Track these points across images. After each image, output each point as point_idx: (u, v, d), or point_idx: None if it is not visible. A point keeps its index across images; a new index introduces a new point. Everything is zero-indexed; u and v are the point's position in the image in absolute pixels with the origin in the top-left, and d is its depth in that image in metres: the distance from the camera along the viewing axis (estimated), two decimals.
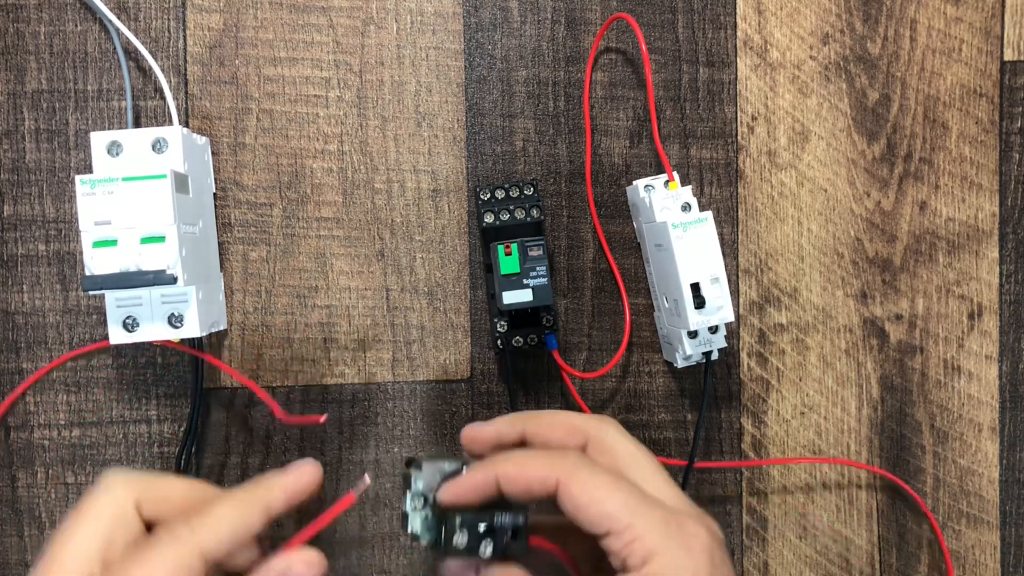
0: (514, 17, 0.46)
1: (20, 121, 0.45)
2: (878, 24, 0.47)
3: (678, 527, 0.29)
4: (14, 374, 0.45)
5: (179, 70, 0.45)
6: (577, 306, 0.47)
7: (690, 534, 0.29)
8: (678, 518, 0.30)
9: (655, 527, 0.29)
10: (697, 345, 0.43)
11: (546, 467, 0.30)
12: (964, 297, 0.48)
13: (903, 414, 0.48)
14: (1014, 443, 0.49)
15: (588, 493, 0.29)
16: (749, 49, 0.47)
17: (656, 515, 0.29)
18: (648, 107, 0.46)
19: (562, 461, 0.30)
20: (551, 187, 0.47)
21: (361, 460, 0.46)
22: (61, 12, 0.45)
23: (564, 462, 0.30)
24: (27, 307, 0.45)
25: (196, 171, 0.42)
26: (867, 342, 0.48)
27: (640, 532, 0.29)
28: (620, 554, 0.29)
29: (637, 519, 0.29)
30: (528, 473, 0.30)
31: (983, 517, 0.48)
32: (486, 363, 0.47)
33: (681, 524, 0.30)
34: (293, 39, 0.45)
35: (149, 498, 0.30)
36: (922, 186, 0.48)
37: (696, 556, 0.29)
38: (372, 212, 0.46)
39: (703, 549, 0.29)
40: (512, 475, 0.31)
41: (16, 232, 0.45)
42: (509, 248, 0.42)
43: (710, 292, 0.41)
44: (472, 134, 0.46)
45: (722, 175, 0.47)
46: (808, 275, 0.48)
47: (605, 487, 0.29)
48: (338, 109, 0.46)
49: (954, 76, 0.48)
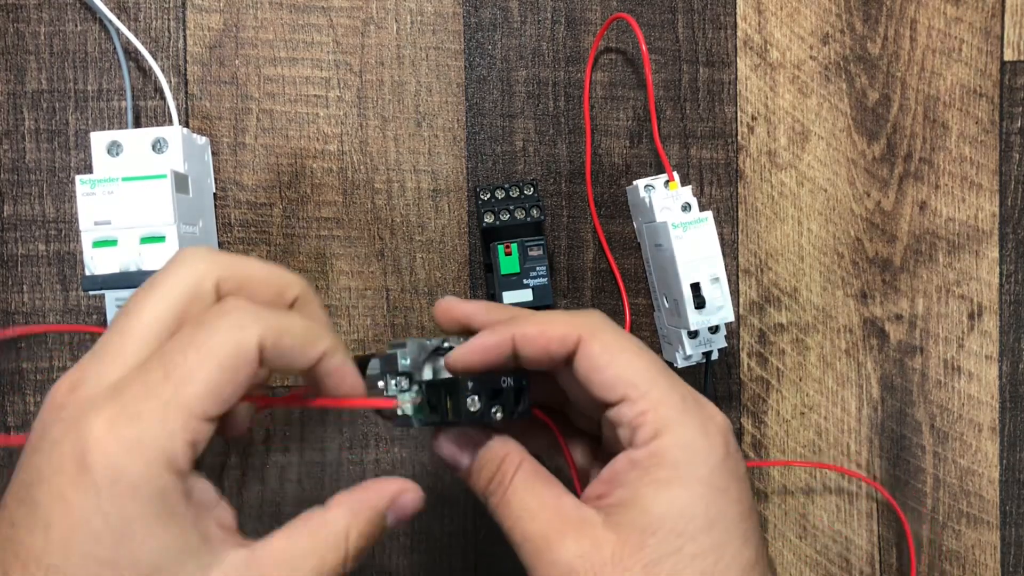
0: (514, 17, 0.46)
1: (20, 121, 0.45)
2: (878, 24, 0.47)
3: (696, 405, 0.28)
4: (14, 374, 0.45)
5: (179, 70, 0.45)
6: (577, 306, 0.47)
7: (707, 416, 0.28)
8: (696, 396, 0.28)
9: (673, 400, 0.27)
10: (697, 345, 0.43)
11: (568, 325, 0.28)
12: (964, 297, 0.48)
13: (903, 414, 0.48)
14: (1014, 443, 0.49)
15: (610, 354, 0.28)
16: (749, 49, 0.47)
17: (676, 390, 0.28)
18: (648, 107, 0.46)
19: (585, 320, 0.29)
20: (551, 187, 0.47)
21: (361, 460, 0.46)
22: (61, 12, 0.45)
23: (588, 321, 0.29)
24: (27, 307, 0.45)
25: (196, 171, 0.42)
26: (867, 342, 0.48)
27: (656, 402, 0.27)
28: (631, 424, 0.27)
29: (655, 389, 0.27)
30: (548, 332, 0.28)
31: (983, 517, 0.48)
32: None
33: (700, 404, 0.28)
34: (293, 39, 0.45)
35: (229, 276, 0.26)
36: (922, 186, 0.48)
37: (712, 439, 0.27)
38: (372, 212, 0.46)
39: (719, 432, 0.28)
40: (531, 335, 0.28)
41: (16, 232, 0.45)
42: (509, 248, 0.42)
43: (710, 292, 0.41)
44: (472, 134, 0.46)
45: (722, 175, 0.47)
46: (808, 275, 0.48)
47: (629, 351, 0.28)
48: (338, 109, 0.46)
49: (954, 76, 0.48)
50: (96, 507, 0.22)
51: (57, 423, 0.24)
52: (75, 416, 0.23)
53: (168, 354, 0.24)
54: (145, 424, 0.23)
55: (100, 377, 0.24)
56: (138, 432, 0.23)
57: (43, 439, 0.24)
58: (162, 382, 0.23)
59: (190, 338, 0.24)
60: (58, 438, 0.23)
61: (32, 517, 0.23)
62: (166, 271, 0.26)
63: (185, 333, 0.24)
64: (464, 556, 0.47)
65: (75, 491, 0.22)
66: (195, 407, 0.23)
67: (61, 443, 0.23)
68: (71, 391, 0.24)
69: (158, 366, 0.24)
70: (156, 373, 0.24)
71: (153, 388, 0.23)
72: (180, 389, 0.23)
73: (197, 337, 0.24)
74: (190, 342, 0.24)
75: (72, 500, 0.22)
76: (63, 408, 0.24)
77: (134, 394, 0.23)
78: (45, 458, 0.23)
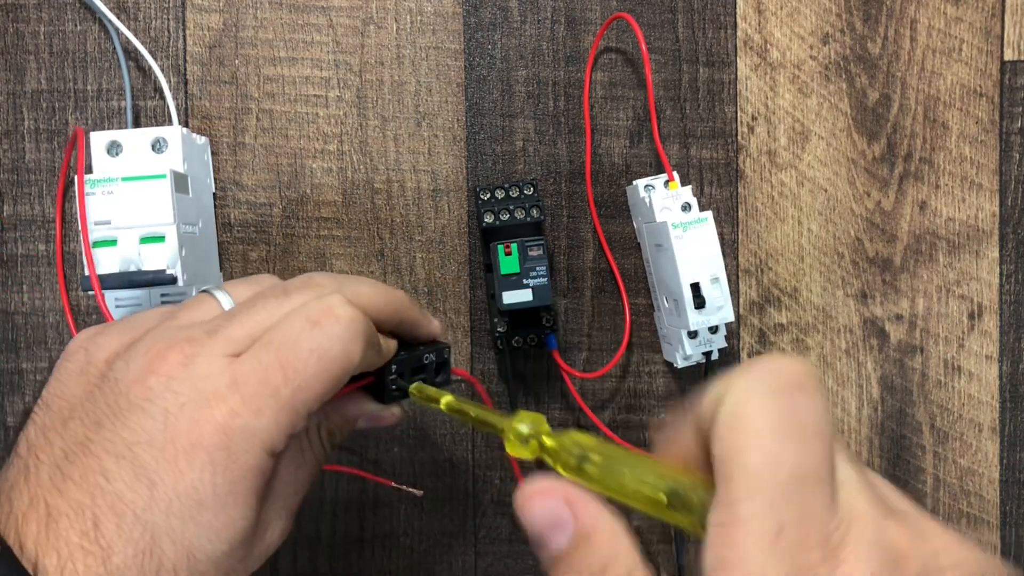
0: (514, 17, 0.46)
1: (20, 121, 0.45)
2: (878, 24, 0.47)
3: None
4: (14, 374, 0.45)
5: (179, 70, 0.45)
6: (577, 306, 0.47)
7: None
8: None
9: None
10: (697, 345, 0.43)
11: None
12: (964, 297, 0.48)
13: (903, 414, 0.48)
14: (1014, 443, 0.49)
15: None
16: (749, 49, 0.47)
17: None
18: (648, 107, 0.46)
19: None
20: (551, 187, 0.47)
21: (361, 460, 0.46)
22: (61, 12, 0.44)
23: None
24: (27, 307, 0.45)
25: (196, 171, 0.42)
26: (867, 342, 0.48)
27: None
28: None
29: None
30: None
31: (983, 517, 0.48)
32: (486, 363, 0.47)
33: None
34: (293, 39, 0.45)
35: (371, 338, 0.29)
36: (922, 186, 0.48)
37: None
38: (372, 212, 0.46)
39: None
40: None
41: (16, 232, 0.45)
42: (509, 248, 0.42)
43: (710, 292, 0.41)
44: (472, 134, 0.46)
45: (722, 175, 0.47)
46: (808, 275, 0.48)
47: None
48: (338, 109, 0.46)
49: (954, 76, 0.48)
50: (207, 480, 0.25)
51: (168, 393, 0.25)
52: (195, 398, 0.25)
53: (286, 350, 0.26)
54: (263, 421, 0.25)
55: (213, 358, 0.26)
56: (256, 425, 0.25)
57: (150, 402, 0.25)
58: (282, 385, 0.26)
59: (309, 340, 0.26)
60: (173, 411, 0.25)
61: (135, 474, 0.24)
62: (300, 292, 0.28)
63: (302, 328, 0.26)
64: (464, 556, 0.47)
65: (188, 464, 0.25)
66: (304, 410, 0.26)
67: (177, 417, 0.25)
68: (184, 364, 0.26)
69: (277, 365, 0.26)
70: (276, 374, 0.26)
71: (274, 389, 0.26)
72: (297, 395, 0.26)
73: (316, 342, 0.26)
74: (310, 348, 0.26)
75: (184, 470, 0.25)
76: (174, 380, 0.25)
77: (255, 391, 0.25)
78: (156, 424, 0.25)
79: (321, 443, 0.30)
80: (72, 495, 0.24)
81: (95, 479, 0.24)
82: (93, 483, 0.24)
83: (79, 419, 0.26)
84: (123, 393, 0.25)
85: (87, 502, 0.24)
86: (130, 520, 0.24)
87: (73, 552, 0.23)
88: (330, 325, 0.26)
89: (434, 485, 0.46)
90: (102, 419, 0.25)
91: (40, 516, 0.24)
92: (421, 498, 0.46)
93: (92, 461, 0.25)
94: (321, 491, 0.46)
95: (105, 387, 0.26)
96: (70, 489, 0.24)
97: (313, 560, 0.46)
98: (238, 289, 0.30)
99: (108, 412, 0.25)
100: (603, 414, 0.47)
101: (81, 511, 0.24)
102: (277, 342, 0.26)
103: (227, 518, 0.25)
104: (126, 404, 0.25)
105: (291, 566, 0.46)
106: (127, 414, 0.25)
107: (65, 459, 0.25)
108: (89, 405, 0.26)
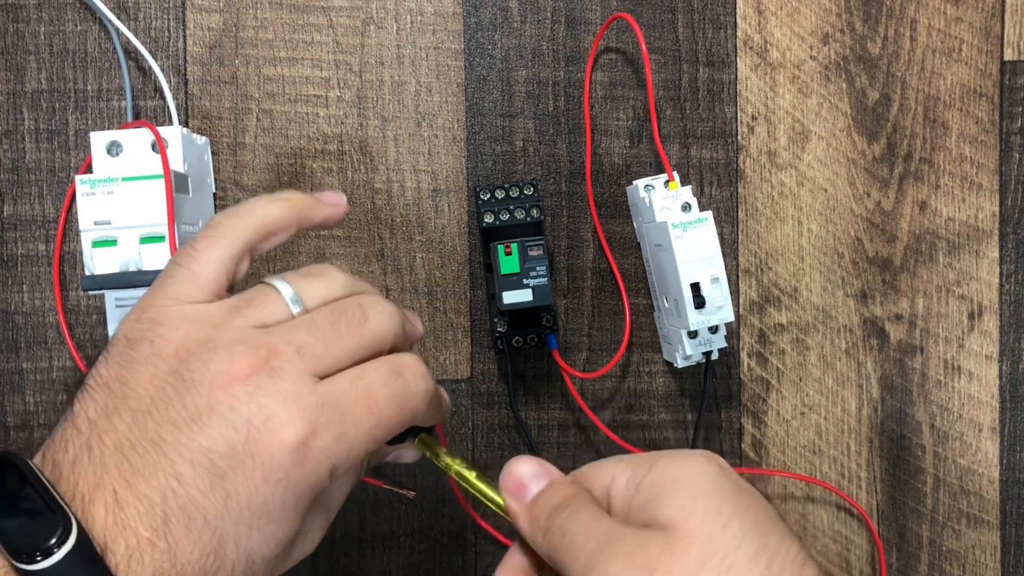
0: (514, 17, 0.46)
1: (20, 121, 0.45)
2: (878, 24, 0.47)
3: None
4: (14, 374, 0.45)
5: (179, 70, 0.45)
6: (577, 306, 0.47)
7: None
8: None
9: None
10: (697, 345, 0.43)
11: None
12: (964, 297, 0.48)
13: (903, 414, 0.48)
14: (1014, 443, 0.49)
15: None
16: (749, 49, 0.47)
17: None
18: (648, 107, 0.46)
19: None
20: (551, 187, 0.47)
21: None
22: (61, 12, 0.45)
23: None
24: (27, 307, 0.45)
25: (196, 171, 0.42)
26: (867, 342, 0.48)
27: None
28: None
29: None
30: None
31: (983, 517, 0.48)
32: (486, 363, 0.47)
33: None
34: (293, 39, 0.45)
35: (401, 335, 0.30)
36: (922, 186, 0.48)
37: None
38: (372, 212, 0.46)
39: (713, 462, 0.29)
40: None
41: (16, 232, 0.45)
42: (509, 248, 0.42)
43: (710, 292, 0.41)
44: (472, 134, 0.46)
45: (722, 175, 0.47)
46: (808, 275, 0.48)
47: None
48: (338, 109, 0.46)
49: (954, 76, 0.48)
50: (279, 496, 0.25)
51: (253, 404, 0.25)
52: (281, 414, 0.25)
53: (373, 389, 0.27)
54: (341, 447, 0.26)
55: (300, 376, 0.26)
56: (334, 450, 0.26)
57: (233, 411, 0.25)
58: (365, 417, 0.27)
59: (393, 389, 0.27)
60: (256, 424, 0.25)
61: (211, 483, 0.25)
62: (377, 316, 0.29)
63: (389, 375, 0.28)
64: (464, 556, 0.47)
65: (265, 479, 0.25)
66: (374, 446, 0.27)
67: (260, 431, 0.25)
68: (271, 376, 0.26)
69: (364, 398, 0.27)
70: (362, 406, 0.27)
71: (358, 419, 0.26)
72: (376, 430, 0.27)
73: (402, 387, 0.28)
74: (393, 392, 0.27)
75: (260, 486, 0.25)
76: (260, 391, 0.25)
77: (341, 418, 0.26)
78: (238, 436, 0.25)
79: (361, 468, 0.31)
80: (141, 490, 0.24)
81: (167, 480, 0.24)
82: (164, 483, 0.24)
83: (149, 413, 0.25)
84: (203, 396, 0.25)
85: (157, 500, 0.24)
86: (200, 523, 0.24)
87: (142, 544, 0.24)
88: (411, 378, 0.28)
89: (434, 485, 0.46)
90: (177, 420, 0.25)
91: (108, 502, 0.24)
92: (414, 499, 0.46)
93: (165, 461, 0.25)
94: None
95: (180, 385, 0.25)
96: (139, 484, 0.24)
97: (313, 560, 0.46)
98: (302, 284, 0.29)
99: (184, 414, 0.25)
100: (603, 414, 0.47)
101: (151, 507, 0.24)
102: (367, 380, 0.27)
103: (286, 527, 0.26)
104: (206, 409, 0.25)
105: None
106: (206, 420, 0.25)
107: (133, 450, 0.25)
108: (161, 401, 0.25)
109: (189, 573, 0.24)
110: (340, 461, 0.26)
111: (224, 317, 0.27)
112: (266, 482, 0.25)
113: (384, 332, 0.29)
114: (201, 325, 0.27)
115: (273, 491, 0.25)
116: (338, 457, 0.26)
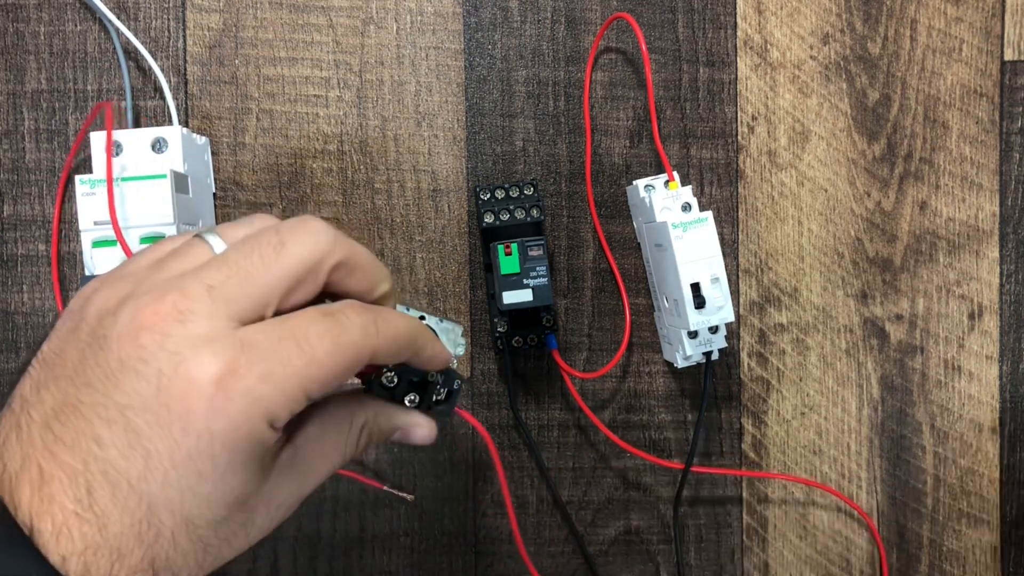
0: (514, 17, 0.46)
1: (20, 121, 0.45)
2: (878, 24, 0.47)
3: None
4: (14, 374, 0.45)
5: (179, 70, 0.45)
6: (577, 306, 0.47)
7: None
8: None
9: None
10: (697, 345, 0.43)
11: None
12: (964, 297, 0.48)
13: (903, 414, 0.48)
14: (1014, 443, 0.48)
15: None
16: (749, 49, 0.47)
17: None
18: (648, 107, 0.46)
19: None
20: (551, 187, 0.47)
21: (361, 460, 0.46)
22: (61, 12, 0.45)
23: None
24: (27, 307, 0.45)
25: (196, 171, 0.42)
26: (867, 342, 0.48)
27: None
28: None
29: None
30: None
31: (983, 517, 0.48)
32: (486, 363, 0.47)
33: None
34: (293, 39, 0.45)
35: (346, 261, 0.27)
36: (922, 186, 0.48)
37: None
38: (372, 212, 0.46)
39: None
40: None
41: (16, 232, 0.45)
42: (509, 248, 0.42)
43: (710, 292, 0.41)
44: (472, 134, 0.46)
45: (722, 175, 0.47)
46: (808, 275, 0.48)
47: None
48: (338, 109, 0.46)
49: (954, 76, 0.48)
50: (204, 450, 0.23)
51: (162, 352, 0.23)
52: (193, 358, 0.23)
53: (302, 328, 0.25)
54: (268, 388, 0.24)
55: (214, 320, 0.24)
56: (260, 392, 0.23)
57: (143, 362, 0.23)
58: (296, 355, 0.24)
59: (325, 325, 0.25)
60: (167, 372, 0.23)
61: (128, 442, 0.23)
62: (296, 238, 0.26)
63: (318, 314, 0.25)
64: (464, 556, 0.47)
65: (183, 432, 0.23)
66: (312, 387, 0.25)
67: (171, 379, 0.23)
68: (180, 320, 0.24)
69: (290, 336, 0.24)
70: (289, 344, 0.24)
71: (286, 359, 0.24)
72: (307, 370, 0.24)
73: (335, 328, 0.25)
74: (327, 329, 0.25)
75: (180, 440, 0.23)
76: (169, 337, 0.23)
77: (264, 356, 0.24)
78: (149, 387, 0.23)
79: (356, 441, 0.29)
80: (64, 459, 0.23)
81: (87, 444, 0.23)
82: (85, 448, 0.23)
83: (69, 378, 0.24)
84: (113, 352, 0.24)
85: (79, 468, 0.23)
86: (125, 490, 0.23)
87: (68, 519, 0.22)
88: (346, 317, 0.26)
89: (434, 485, 0.46)
90: (92, 380, 0.24)
91: (33, 479, 0.23)
92: (412, 502, 0.46)
93: (84, 424, 0.23)
94: (321, 491, 0.46)
95: (95, 344, 0.24)
96: (61, 452, 0.23)
97: (313, 560, 0.46)
98: (230, 232, 0.27)
99: (99, 373, 0.24)
100: (603, 414, 0.47)
101: (74, 477, 0.23)
102: (292, 321, 0.25)
103: (226, 487, 0.24)
104: (117, 364, 0.23)
105: (291, 566, 0.46)
106: (119, 375, 0.23)
107: (56, 419, 0.24)
108: (80, 364, 0.24)
109: (123, 544, 0.23)
110: (274, 406, 0.24)
111: (147, 272, 0.26)
112: (186, 435, 0.23)
113: (307, 257, 0.26)
114: (123, 283, 0.26)
115: (196, 444, 0.23)
116: (269, 400, 0.24)
